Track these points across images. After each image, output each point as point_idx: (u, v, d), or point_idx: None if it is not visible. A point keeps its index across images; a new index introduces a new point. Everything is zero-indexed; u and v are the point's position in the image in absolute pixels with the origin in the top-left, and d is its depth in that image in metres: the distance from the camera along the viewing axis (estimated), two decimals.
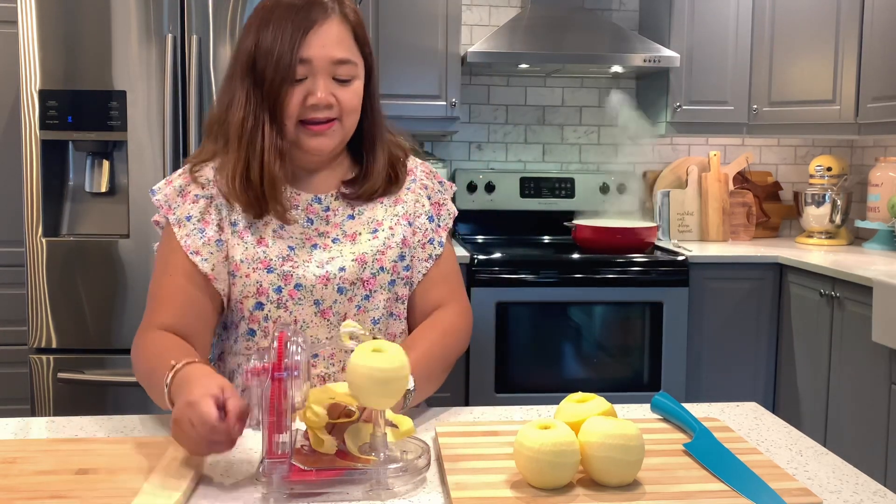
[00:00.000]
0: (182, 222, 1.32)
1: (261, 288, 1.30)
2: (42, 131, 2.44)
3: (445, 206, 1.47)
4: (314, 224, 1.36)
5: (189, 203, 1.33)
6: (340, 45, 1.30)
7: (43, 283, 2.46)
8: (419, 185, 1.45)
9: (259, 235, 1.32)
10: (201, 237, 1.31)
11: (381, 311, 1.36)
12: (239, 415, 1.00)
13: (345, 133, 1.35)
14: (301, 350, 0.98)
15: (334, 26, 1.30)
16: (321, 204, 1.38)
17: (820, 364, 2.89)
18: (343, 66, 1.31)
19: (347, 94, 1.32)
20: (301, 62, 1.28)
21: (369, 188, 1.39)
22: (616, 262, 3.01)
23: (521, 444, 0.95)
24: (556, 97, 3.70)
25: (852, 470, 1.07)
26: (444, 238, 1.44)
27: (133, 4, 2.44)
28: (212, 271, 1.30)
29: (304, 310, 1.32)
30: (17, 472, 0.99)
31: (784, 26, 3.33)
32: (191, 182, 1.34)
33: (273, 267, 1.30)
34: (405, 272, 1.39)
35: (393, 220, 1.39)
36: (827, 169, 3.47)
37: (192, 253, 1.30)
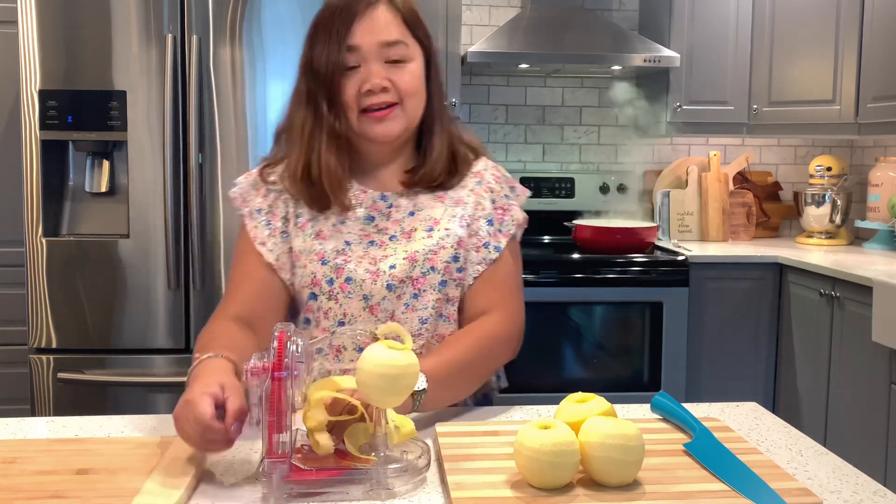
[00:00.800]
0: (253, 214, 1.39)
1: (314, 279, 1.34)
2: (42, 131, 2.44)
3: (510, 213, 1.43)
4: (374, 221, 1.38)
5: (260, 197, 1.40)
6: (388, 28, 1.33)
7: (43, 283, 2.46)
8: (485, 187, 1.43)
9: (319, 229, 1.36)
10: (268, 228, 1.37)
11: (430, 312, 1.35)
12: (236, 415, 1.00)
13: (408, 118, 1.35)
14: (301, 350, 0.98)
15: (380, 12, 1.33)
16: (386, 202, 1.39)
17: (820, 364, 2.89)
18: (393, 47, 1.32)
19: (404, 75, 1.33)
20: (350, 50, 1.31)
21: (427, 175, 1.39)
22: (616, 262, 3.01)
23: (521, 444, 0.95)
24: (556, 97, 3.70)
25: (852, 470, 1.07)
26: (502, 244, 1.40)
27: (133, 4, 2.44)
28: (276, 261, 1.36)
29: (353, 304, 1.33)
30: (17, 472, 0.99)
31: (784, 26, 3.33)
32: (261, 179, 1.41)
33: (327, 259, 1.34)
34: (458, 273, 1.36)
35: (451, 220, 1.38)
36: (827, 169, 3.47)
37: (259, 244, 1.36)
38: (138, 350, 2.49)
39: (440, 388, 1.22)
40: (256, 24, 2.46)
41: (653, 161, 3.77)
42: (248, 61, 2.46)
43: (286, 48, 2.46)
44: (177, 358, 2.48)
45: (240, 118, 2.47)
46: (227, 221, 2.48)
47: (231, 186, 1.45)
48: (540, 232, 3.54)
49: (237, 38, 2.46)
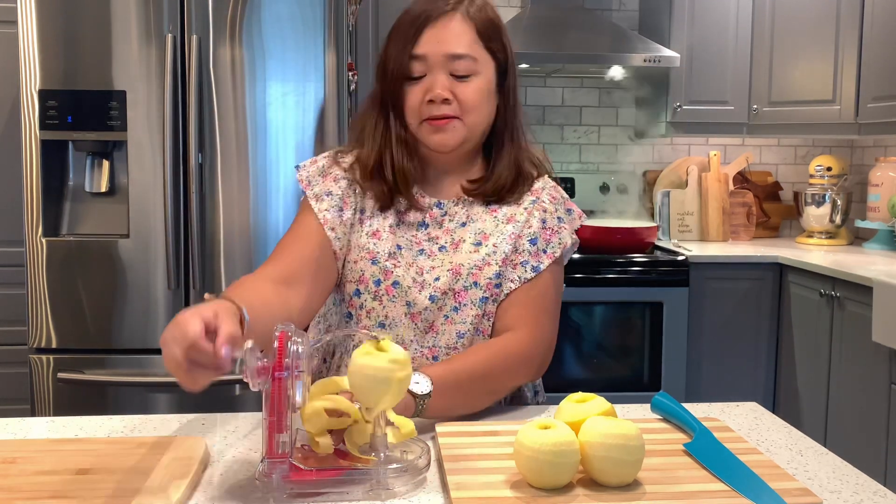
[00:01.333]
0: (321, 197, 1.36)
1: (363, 276, 1.34)
2: (42, 131, 2.44)
3: (559, 234, 1.40)
4: (427, 229, 1.38)
5: (331, 181, 1.38)
6: (458, 41, 1.31)
7: (43, 283, 2.46)
8: (539, 207, 1.41)
9: (375, 228, 1.36)
10: (339, 215, 1.36)
11: (469, 326, 1.33)
12: (227, 338, 0.94)
13: (468, 131, 1.35)
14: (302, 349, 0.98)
15: (453, 22, 1.32)
16: (441, 209, 1.39)
17: (820, 364, 2.89)
18: (459, 61, 1.31)
19: (467, 90, 1.32)
20: (416, 59, 1.31)
21: (489, 188, 1.38)
22: (616, 262, 3.01)
23: (521, 444, 0.95)
24: (556, 97, 3.70)
25: (852, 470, 1.07)
26: (543, 264, 1.37)
27: (133, 4, 2.44)
28: (340, 249, 1.35)
29: (396, 308, 1.33)
30: (17, 472, 0.99)
31: (784, 26, 3.33)
32: (334, 165, 1.40)
33: (378, 260, 1.34)
34: (496, 290, 1.35)
35: (500, 237, 1.37)
36: (827, 169, 3.47)
37: (329, 229, 1.34)
38: (138, 350, 2.49)
39: (445, 396, 1.19)
40: (256, 23, 2.46)
41: (653, 161, 3.77)
42: (248, 61, 2.46)
43: (286, 48, 2.46)
44: None
45: (240, 118, 2.47)
46: (227, 221, 2.48)
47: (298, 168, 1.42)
48: None
49: (237, 38, 2.46)
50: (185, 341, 0.92)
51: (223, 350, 0.93)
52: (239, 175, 2.47)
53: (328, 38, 2.47)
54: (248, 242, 2.47)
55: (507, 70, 1.38)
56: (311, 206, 1.36)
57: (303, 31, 2.47)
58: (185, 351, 0.91)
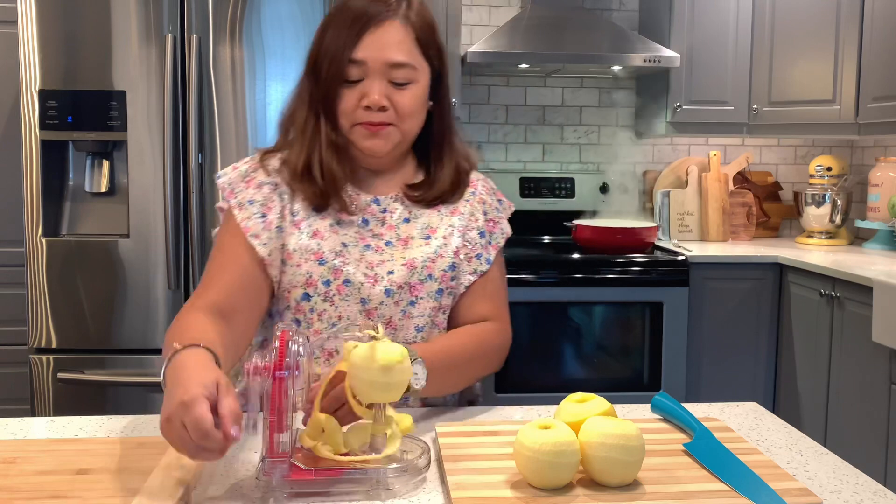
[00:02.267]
0: (244, 205, 1.33)
1: (310, 279, 1.31)
2: (42, 131, 2.44)
3: (500, 225, 1.45)
4: (369, 225, 1.37)
5: (253, 188, 1.34)
6: (398, 48, 1.30)
7: (43, 283, 2.46)
8: (478, 199, 1.44)
9: (316, 227, 1.33)
10: (262, 222, 1.32)
11: (426, 319, 1.35)
12: (233, 418, 0.92)
13: (402, 137, 1.34)
14: (302, 349, 0.98)
15: (393, 28, 1.30)
16: (379, 206, 1.38)
17: (820, 364, 2.89)
18: (399, 69, 1.30)
19: (404, 98, 1.31)
20: (354, 63, 1.29)
21: (434, 194, 1.38)
22: (616, 262, 3.01)
23: (521, 444, 0.95)
24: (556, 97, 3.70)
25: (852, 470, 1.07)
26: (492, 256, 1.41)
27: (133, 4, 2.44)
28: (268, 256, 1.31)
29: (349, 307, 1.31)
30: (17, 472, 0.99)
31: (784, 26, 3.33)
32: (258, 169, 1.37)
33: (325, 260, 1.31)
34: (452, 283, 1.37)
35: (448, 229, 1.38)
36: (827, 169, 3.47)
37: (251, 236, 1.31)
38: (138, 350, 2.49)
39: (438, 374, 1.21)
40: (256, 23, 2.46)
41: (653, 161, 3.77)
42: (248, 61, 2.46)
43: (286, 48, 2.47)
44: None
45: (240, 118, 2.47)
46: None
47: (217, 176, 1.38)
48: (540, 232, 3.54)
49: (237, 38, 2.46)
50: (197, 432, 0.89)
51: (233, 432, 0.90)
52: None
53: None
54: None
55: (441, 77, 1.38)
56: (233, 216, 1.32)
57: (303, 31, 2.47)
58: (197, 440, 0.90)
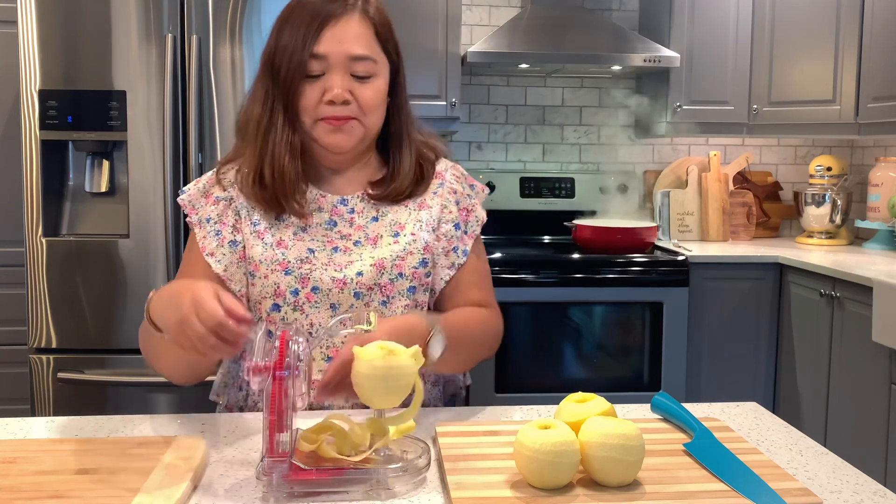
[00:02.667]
0: (202, 223, 1.34)
1: (278, 290, 1.30)
2: (42, 131, 2.44)
3: (474, 213, 1.43)
4: (337, 226, 1.35)
5: (210, 205, 1.35)
6: (358, 42, 1.29)
7: (43, 283, 2.46)
8: (447, 189, 1.41)
9: (279, 237, 1.32)
10: (216, 238, 1.33)
11: None
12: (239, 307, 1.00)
13: (366, 131, 1.33)
14: (303, 349, 0.98)
15: (353, 22, 1.29)
16: (346, 206, 1.37)
17: (820, 364, 2.89)
18: (361, 62, 1.29)
19: (366, 91, 1.30)
20: (315, 58, 1.28)
21: (395, 189, 1.37)
22: (616, 262, 3.01)
23: (521, 444, 0.95)
24: (556, 97, 3.70)
25: (852, 470, 1.07)
26: (468, 247, 1.40)
27: (133, 4, 2.44)
28: (224, 272, 1.31)
29: (320, 313, 1.31)
30: (17, 472, 0.99)
31: (784, 26, 3.33)
32: (215, 184, 1.37)
33: (291, 269, 1.30)
34: (426, 279, 1.35)
35: (416, 225, 1.36)
36: (827, 169, 3.47)
37: (207, 254, 1.32)
38: (138, 350, 2.48)
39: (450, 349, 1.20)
40: (256, 23, 2.46)
41: (653, 161, 3.77)
42: (248, 61, 2.46)
43: None
44: None
45: None
46: None
47: (179, 193, 1.39)
48: (540, 232, 3.54)
49: (237, 38, 2.46)
50: (211, 320, 0.98)
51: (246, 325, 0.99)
52: None
53: None
54: None
55: (398, 72, 1.37)
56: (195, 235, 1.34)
57: None
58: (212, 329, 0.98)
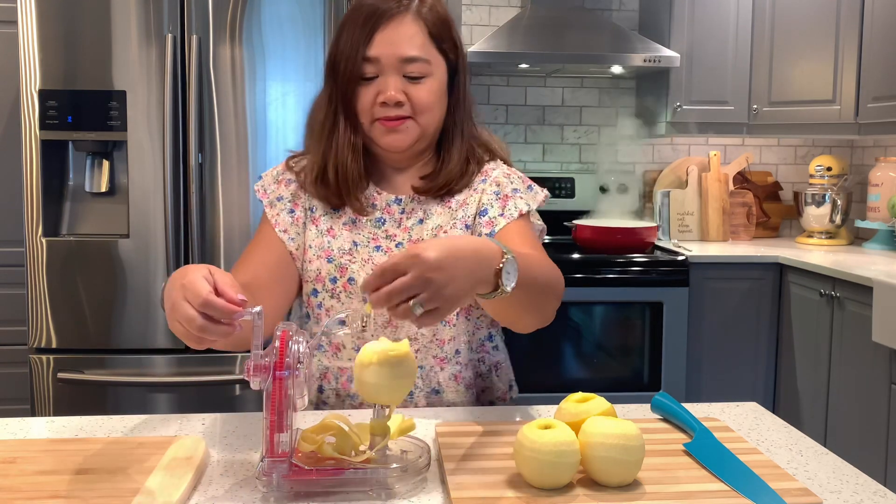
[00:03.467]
0: (274, 203, 1.40)
1: (319, 275, 1.35)
2: (42, 131, 2.44)
3: (513, 201, 1.35)
4: (385, 225, 1.38)
5: (283, 186, 1.41)
6: (410, 43, 1.31)
7: (43, 283, 2.46)
8: (490, 184, 1.39)
9: (330, 225, 1.38)
10: (291, 217, 1.39)
11: None
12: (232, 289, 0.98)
13: (422, 130, 1.35)
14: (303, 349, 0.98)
15: (405, 24, 1.31)
16: (399, 205, 1.39)
17: (820, 364, 2.89)
18: (413, 63, 1.31)
19: (420, 92, 1.32)
20: (368, 61, 1.31)
21: (441, 182, 1.38)
22: (616, 262, 3.01)
23: (521, 444, 0.95)
24: (556, 97, 3.70)
25: (852, 470, 1.07)
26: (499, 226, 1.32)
27: (133, 4, 2.44)
28: (296, 250, 1.37)
29: (353, 304, 1.34)
30: (17, 472, 0.99)
31: (784, 26, 3.33)
32: (286, 170, 1.43)
33: (333, 257, 1.35)
34: None
35: (451, 223, 1.37)
36: (827, 169, 3.47)
37: (281, 231, 1.37)
38: (138, 350, 2.49)
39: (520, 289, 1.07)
40: (256, 23, 2.46)
41: (653, 161, 3.77)
42: (248, 61, 2.46)
43: (286, 48, 2.47)
44: (177, 358, 2.48)
45: (240, 118, 2.47)
46: (227, 221, 2.49)
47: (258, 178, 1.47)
48: None
49: (237, 38, 2.46)
50: (197, 298, 0.96)
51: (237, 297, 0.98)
52: (239, 175, 2.47)
53: (328, 38, 2.47)
54: (248, 242, 2.47)
55: (457, 68, 1.38)
56: (267, 214, 1.39)
57: (303, 31, 2.47)
58: (199, 309, 0.97)
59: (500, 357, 1.46)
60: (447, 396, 1.38)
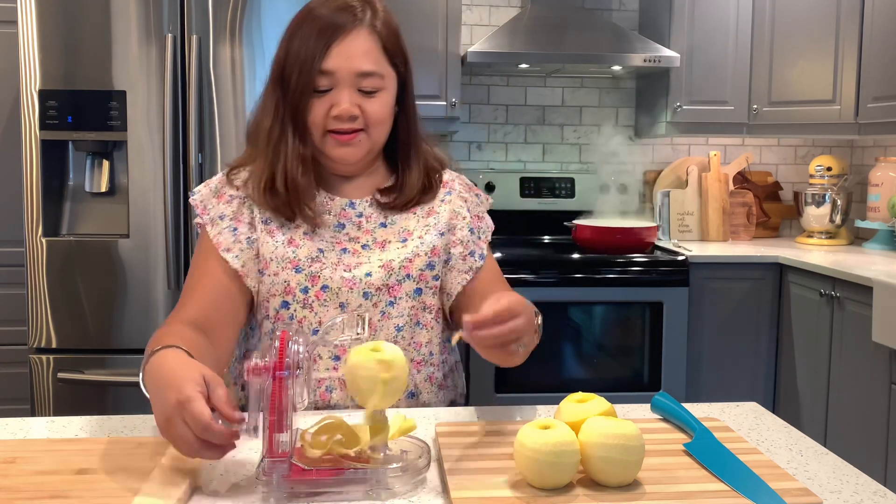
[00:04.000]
0: (215, 221, 1.35)
1: (288, 287, 1.32)
2: (42, 131, 2.44)
3: (485, 220, 1.47)
4: (345, 229, 1.37)
5: (223, 203, 1.36)
6: (366, 58, 1.31)
7: (43, 283, 2.46)
8: (457, 196, 1.44)
9: (290, 236, 1.34)
10: (233, 235, 1.34)
11: (406, 319, 1.35)
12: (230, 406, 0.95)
13: (372, 143, 1.36)
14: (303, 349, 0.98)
15: (360, 38, 1.31)
16: (354, 209, 1.39)
17: (820, 364, 2.89)
18: (368, 78, 1.31)
19: (373, 105, 1.32)
20: (323, 74, 1.30)
21: (404, 199, 1.39)
22: (616, 262, 3.01)
23: (521, 444, 0.95)
24: (556, 97, 3.70)
25: (852, 470, 1.07)
26: (484, 251, 1.42)
27: (133, 4, 2.44)
28: (242, 268, 1.33)
29: (328, 312, 1.33)
30: (17, 472, 0.99)
31: (784, 26, 3.33)
32: (226, 184, 1.38)
33: (301, 267, 1.32)
34: (434, 281, 1.37)
35: (424, 229, 1.38)
36: (827, 169, 3.47)
37: (223, 250, 1.32)
38: (138, 350, 2.47)
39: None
40: (256, 23, 2.46)
41: (653, 161, 3.77)
42: (248, 61, 2.46)
43: None
44: None
45: (240, 118, 2.47)
46: None
47: (190, 195, 1.41)
48: (540, 232, 3.54)
49: (237, 38, 2.46)
50: (198, 425, 0.92)
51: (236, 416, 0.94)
52: None
53: None
54: None
55: (406, 83, 1.39)
56: (208, 234, 1.34)
57: None
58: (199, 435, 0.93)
59: (457, 357, 1.51)
60: (423, 398, 1.39)
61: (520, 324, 1.07)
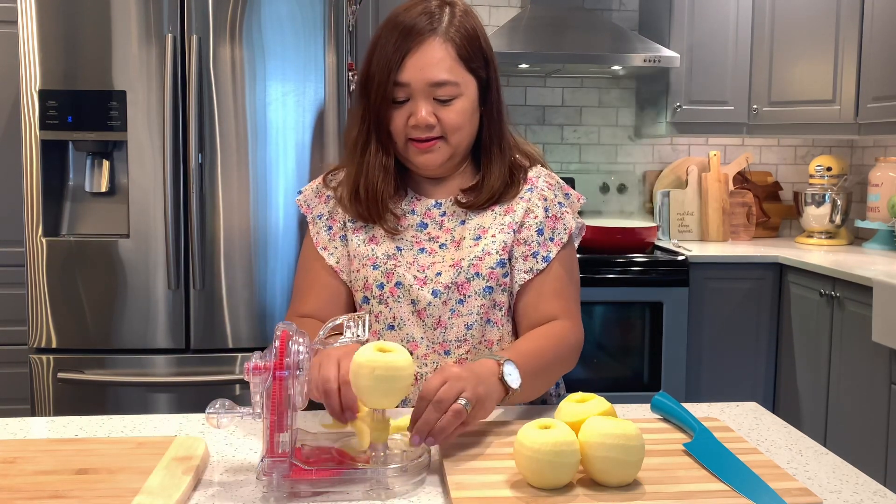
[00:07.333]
0: (315, 220, 1.46)
1: (367, 283, 1.38)
2: (42, 131, 2.44)
3: (562, 221, 1.42)
4: (427, 228, 1.41)
5: (322, 203, 1.46)
6: (439, 67, 1.33)
7: (43, 283, 2.46)
8: (538, 195, 1.42)
9: (372, 233, 1.40)
10: (328, 233, 1.44)
11: (476, 317, 1.36)
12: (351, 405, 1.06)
13: (453, 149, 1.38)
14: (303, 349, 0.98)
15: (434, 48, 1.33)
16: (440, 209, 1.42)
17: (820, 364, 2.89)
18: (442, 87, 1.33)
19: (450, 114, 1.35)
20: (399, 86, 1.34)
21: (484, 198, 1.40)
22: (616, 261, 3.01)
23: (521, 444, 0.95)
24: (556, 97, 3.70)
25: (852, 470, 1.07)
26: (552, 253, 1.39)
27: (133, 4, 2.44)
28: (336, 264, 1.42)
29: (402, 308, 1.36)
30: (17, 472, 0.99)
31: (784, 26, 3.33)
32: (324, 185, 1.48)
33: (378, 264, 1.38)
34: (504, 279, 1.37)
35: (498, 227, 1.39)
36: (827, 169, 3.47)
37: (321, 248, 1.43)
38: (138, 350, 2.49)
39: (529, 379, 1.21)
40: (256, 23, 2.46)
41: (653, 161, 3.77)
42: (248, 61, 2.46)
43: (286, 48, 2.46)
44: (177, 358, 2.48)
45: (240, 118, 2.47)
46: (227, 221, 2.48)
47: (297, 193, 1.51)
48: None
49: (237, 38, 2.46)
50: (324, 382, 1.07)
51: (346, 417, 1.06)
52: (239, 175, 2.47)
53: (328, 38, 2.47)
54: (248, 242, 2.47)
55: (489, 84, 1.40)
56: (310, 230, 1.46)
57: (303, 31, 2.47)
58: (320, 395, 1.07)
59: None
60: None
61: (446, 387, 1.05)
